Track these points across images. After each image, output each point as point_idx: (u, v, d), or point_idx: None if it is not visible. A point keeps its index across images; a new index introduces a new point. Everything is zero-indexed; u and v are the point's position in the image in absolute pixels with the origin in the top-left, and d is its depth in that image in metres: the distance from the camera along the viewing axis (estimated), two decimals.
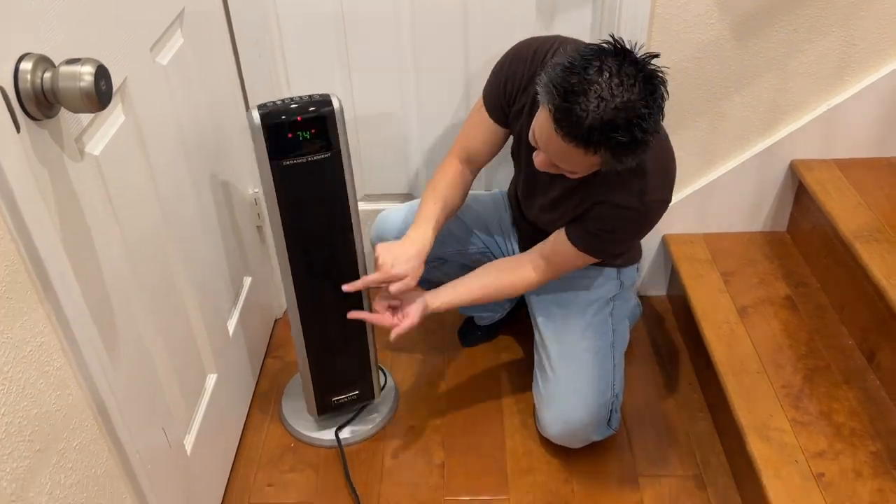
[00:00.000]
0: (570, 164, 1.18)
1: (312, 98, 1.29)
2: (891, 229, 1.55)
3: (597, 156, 1.11)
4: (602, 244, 1.37)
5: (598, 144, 1.08)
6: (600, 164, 1.16)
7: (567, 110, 1.06)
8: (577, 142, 1.09)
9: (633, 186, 1.27)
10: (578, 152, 1.11)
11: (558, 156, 1.17)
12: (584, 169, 1.19)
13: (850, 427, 1.39)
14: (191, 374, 1.37)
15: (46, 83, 0.84)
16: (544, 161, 1.21)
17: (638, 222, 1.34)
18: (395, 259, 1.35)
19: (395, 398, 1.74)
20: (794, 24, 1.60)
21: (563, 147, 1.12)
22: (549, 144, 1.15)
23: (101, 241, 1.01)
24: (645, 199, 1.28)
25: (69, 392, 0.91)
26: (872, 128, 1.74)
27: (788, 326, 1.61)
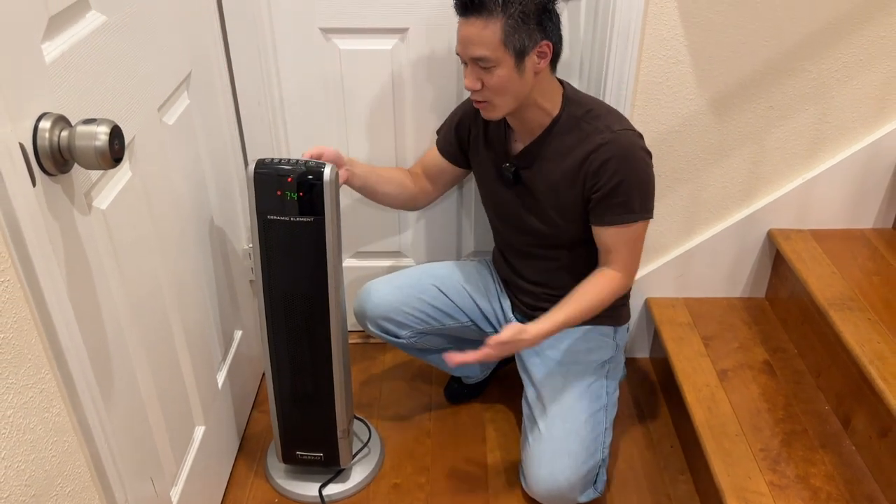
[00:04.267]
0: (479, 46, 1.30)
1: (308, 164, 1.33)
2: (864, 298, 1.61)
3: (496, 20, 1.28)
4: (628, 205, 1.41)
5: (494, 5, 1.27)
6: (503, 36, 1.28)
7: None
8: (476, 11, 1.28)
9: (599, 127, 1.40)
10: (479, 25, 1.28)
11: (468, 43, 1.31)
12: (493, 49, 1.29)
13: (827, 491, 1.41)
14: (180, 425, 1.38)
15: (63, 141, 0.89)
16: (470, 77, 1.35)
17: (623, 155, 1.39)
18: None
19: (380, 455, 1.75)
20: (771, 101, 1.69)
21: (468, 28, 1.30)
22: (460, 38, 1.32)
23: (103, 291, 1.05)
24: (614, 129, 1.39)
25: (66, 439, 0.94)
26: (845, 201, 1.82)
27: (767, 391, 1.65)
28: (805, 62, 1.65)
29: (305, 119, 1.79)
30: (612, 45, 1.59)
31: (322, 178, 1.33)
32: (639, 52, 1.61)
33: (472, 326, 1.70)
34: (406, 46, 1.69)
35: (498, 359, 1.42)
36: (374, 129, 1.80)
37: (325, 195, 1.34)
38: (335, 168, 1.35)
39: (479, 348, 1.66)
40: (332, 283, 1.43)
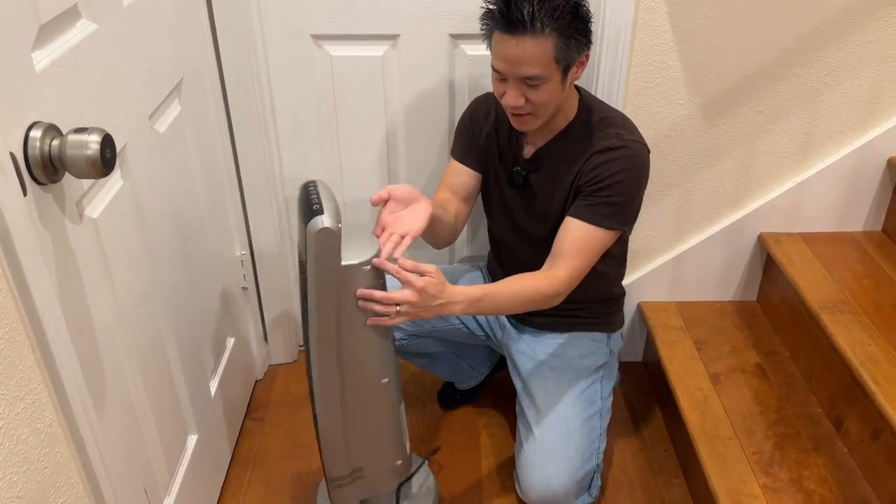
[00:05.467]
0: (530, 64, 1.25)
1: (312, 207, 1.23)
2: (854, 301, 1.62)
3: (547, 38, 1.23)
4: (610, 207, 1.38)
5: (543, 22, 1.22)
6: (554, 52, 1.25)
7: (507, 11, 1.23)
8: (524, 29, 1.22)
9: (609, 133, 1.38)
10: (530, 42, 1.23)
11: (517, 62, 1.26)
12: (544, 66, 1.26)
13: (820, 494, 1.42)
14: (173, 434, 1.38)
15: (54, 150, 0.88)
16: (513, 95, 1.30)
17: (629, 161, 1.37)
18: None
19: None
20: (760, 106, 1.70)
21: (517, 47, 1.24)
22: (507, 55, 1.26)
23: (95, 300, 1.04)
24: (625, 138, 1.38)
25: (58, 450, 0.93)
26: (835, 204, 1.83)
27: (759, 394, 1.65)
28: (794, 67, 1.66)
29: (297, 125, 1.78)
30: (602, 50, 1.60)
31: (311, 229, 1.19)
32: (629, 58, 1.62)
33: (463, 329, 1.70)
34: (397, 53, 1.70)
35: (415, 310, 1.26)
36: (365, 135, 1.80)
37: (308, 251, 1.21)
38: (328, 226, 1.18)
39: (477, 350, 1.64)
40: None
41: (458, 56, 1.71)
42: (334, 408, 1.38)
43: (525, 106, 1.32)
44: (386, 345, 1.35)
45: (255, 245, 1.88)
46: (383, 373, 1.37)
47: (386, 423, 1.44)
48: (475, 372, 1.90)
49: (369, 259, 1.23)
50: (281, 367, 2.07)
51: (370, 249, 1.25)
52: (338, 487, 1.46)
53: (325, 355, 1.32)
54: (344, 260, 1.23)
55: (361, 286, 1.25)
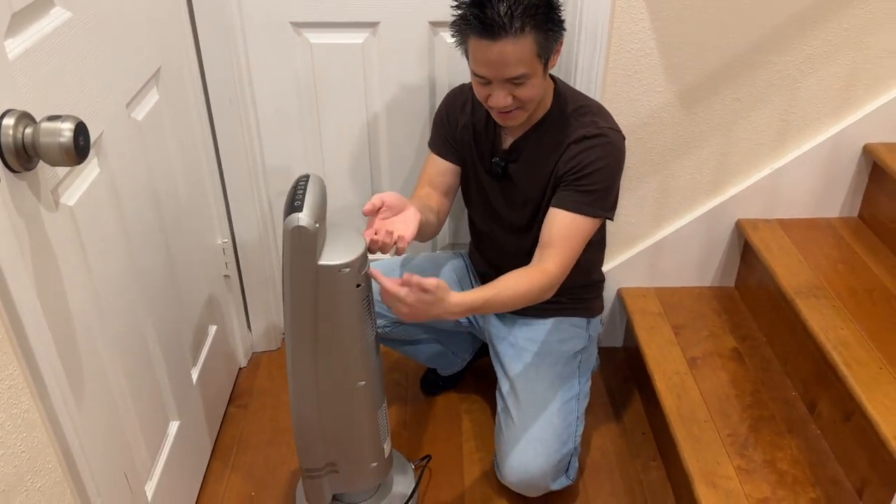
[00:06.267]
0: (515, 64, 1.26)
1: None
2: (829, 286, 1.65)
3: (527, 36, 1.24)
4: (592, 195, 1.39)
5: (521, 20, 1.22)
6: (536, 48, 1.26)
7: (483, 16, 1.22)
8: (505, 31, 1.22)
9: (585, 122, 1.40)
10: (512, 43, 1.23)
11: (501, 65, 1.26)
12: (528, 64, 1.27)
13: (793, 475, 1.45)
14: (153, 420, 1.39)
15: (27, 138, 0.89)
16: (500, 96, 1.31)
17: (606, 148, 1.39)
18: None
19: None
20: (737, 93, 1.72)
21: (500, 50, 1.24)
22: (489, 60, 1.26)
23: (72, 287, 1.05)
24: (600, 126, 1.40)
25: (35, 434, 0.94)
26: (812, 190, 1.85)
27: (735, 378, 1.68)
28: (771, 55, 1.68)
29: (278, 113, 1.79)
30: (580, 38, 1.61)
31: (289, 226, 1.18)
32: (607, 46, 1.63)
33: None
34: (377, 40, 1.70)
35: (409, 317, 1.26)
36: (346, 123, 1.81)
37: (283, 247, 1.21)
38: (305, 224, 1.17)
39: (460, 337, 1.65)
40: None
41: (437, 43, 1.71)
42: (307, 403, 1.38)
43: (512, 103, 1.33)
44: (364, 348, 1.35)
45: (236, 233, 1.88)
46: (360, 376, 1.37)
47: (361, 426, 1.44)
48: (457, 358, 1.91)
49: (349, 262, 1.22)
50: (264, 355, 2.08)
51: (354, 251, 1.23)
52: (310, 478, 1.48)
53: (301, 351, 1.32)
54: (322, 259, 1.22)
55: (340, 288, 1.25)
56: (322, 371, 1.35)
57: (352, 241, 1.25)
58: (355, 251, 1.23)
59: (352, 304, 1.28)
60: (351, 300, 1.27)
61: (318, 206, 1.21)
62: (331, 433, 1.43)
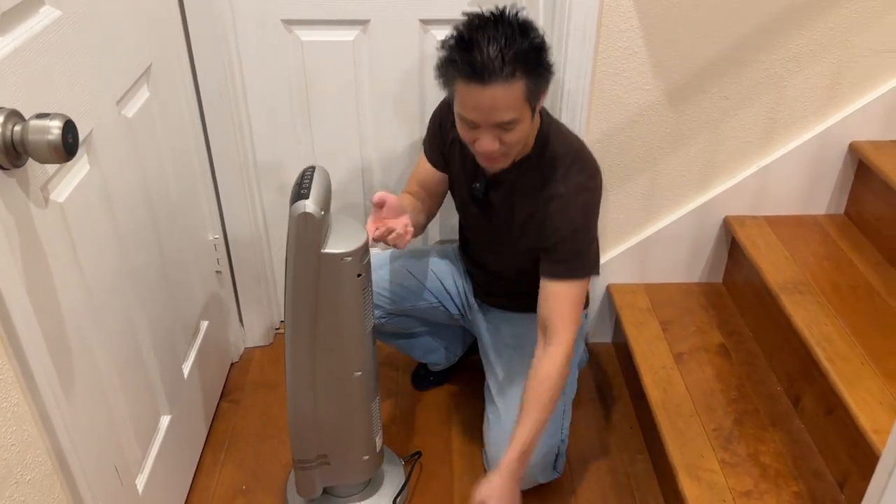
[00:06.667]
0: (504, 110, 1.23)
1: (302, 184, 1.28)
2: (814, 283, 1.67)
3: (518, 80, 1.21)
4: (575, 260, 1.40)
5: (511, 66, 1.19)
6: (526, 93, 1.23)
7: (472, 60, 1.19)
8: (496, 77, 1.19)
9: (560, 177, 1.38)
10: (502, 89, 1.20)
11: (491, 110, 1.23)
12: (517, 109, 1.24)
13: (776, 468, 1.47)
14: (145, 414, 1.40)
15: (16, 135, 0.90)
16: (487, 140, 1.28)
17: (580, 208, 1.39)
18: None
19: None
20: (725, 91, 1.74)
21: (490, 95, 1.21)
22: (478, 106, 1.23)
23: (62, 283, 1.06)
24: (571, 183, 1.38)
25: (25, 428, 0.95)
26: (798, 187, 1.87)
27: (721, 372, 1.70)
28: (758, 53, 1.69)
29: (269, 111, 1.80)
30: (569, 37, 1.62)
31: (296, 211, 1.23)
32: (595, 44, 1.64)
33: (440, 307, 1.73)
34: (367, 38, 1.71)
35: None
36: (336, 120, 1.82)
37: (289, 234, 1.26)
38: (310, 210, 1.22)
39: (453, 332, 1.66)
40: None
41: (428, 41, 1.72)
42: (304, 391, 1.41)
43: (499, 148, 1.30)
44: (362, 338, 1.37)
45: (228, 229, 1.90)
46: (357, 366, 1.40)
47: (355, 417, 1.46)
48: (449, 354, 1.93)
49: (352, 250, 1.26)
50: (257, 350, 2.09)
51: (356, 241, 1.27)
52: (302, 469, 1.50)
53: (299, 339, 1.35)
54: (326, 248, 1.25)
55: (342, 276, 1.28)
56: (320, 360, 1.37)
57: (354, 232, 1.29)
58: (358, 241, 1.27)
59: (352, 293, 1.31)
60: (351, 289, 1.30)
61: (324, 196, 1.26)
62: (325, 424, 1.45)
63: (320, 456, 1.49)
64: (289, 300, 1.31)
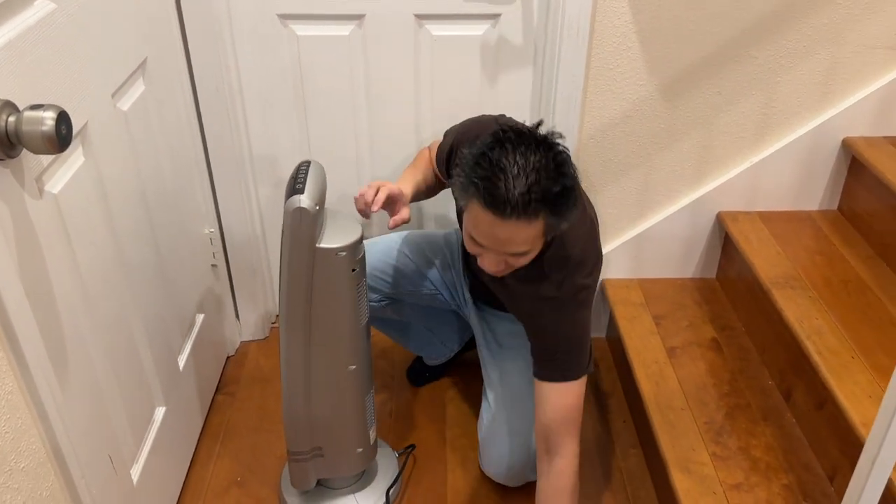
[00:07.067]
0: (519, 244, 1.18)
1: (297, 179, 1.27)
2: (806, 277, 1.68)
3: (539, 220, 1.14)
4: (567, 358, 1.37)
5: (536, 206, 1.12)
6: (544, 230, 1.17)
7: (495, 191, 1.11)
8: (517, 214, 1.12)
9: (553, 280, 1.32)
10: (521, 226, 1.14)
11: (505, 242, 1.18)
12: (532, 243, 1.20)
13: (766, 461, 1.48)
14: (139, 405, 1.41)
15: (10, 126, 0.91)
16: (492, 261, 1.23)
17: (561, 315, 1.35)
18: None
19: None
20: (718, 86, 1.75)
21: (507, 229, 1.14)
22: (492, 235, 1.17)
23: (56, 273, 1.07)
24: (565, 288, 1.33)
25: (18, 415, 0.96)
26: (792, 183, 1.88)
27: (713, 367, 1.71)
28: (751, 48, 1.70)
29: (265, 105, 1.81)
30: (563, 33, 1.63)
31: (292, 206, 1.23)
32: (589, 40, 1.65)
33: (438, 295, 1.73)
34: (363, 32, 1.72)
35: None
36: (332, 115, 1.83)
37: (284, 228, 1.26)
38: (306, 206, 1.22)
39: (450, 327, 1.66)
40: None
41: (423, 36, 1.73)
42: (298, 385, 1.42)
43: (504, 269, 1.26)
44: (356, 332, 1.38)
45: (224, 223, 1.90)
46: (351, 360, 1.41)
47: (349, 410, 1.47)
48: (445, 349, 1.94)
49: (346, 245, 1.27)
50: (253, 344, 2.10)
51: (350, 236, 1.28)
52: (296, 462, 1.51)
53: (294, 333, 1.36)
54: (321, 242, 1.26)
55: (336, 271, 1.29)
56: (314, 354, 1.38)
57: (349, 227, 1.31)
58: (352, 236, 1.29)
59: (346, 288, 1.32)
60: (346, 284, 1.31)
61: (319, 191, 1.26)
62: (319, 416, 1.46)
63: (315, 448, 1.50)
64: (283, 294, 1.32)
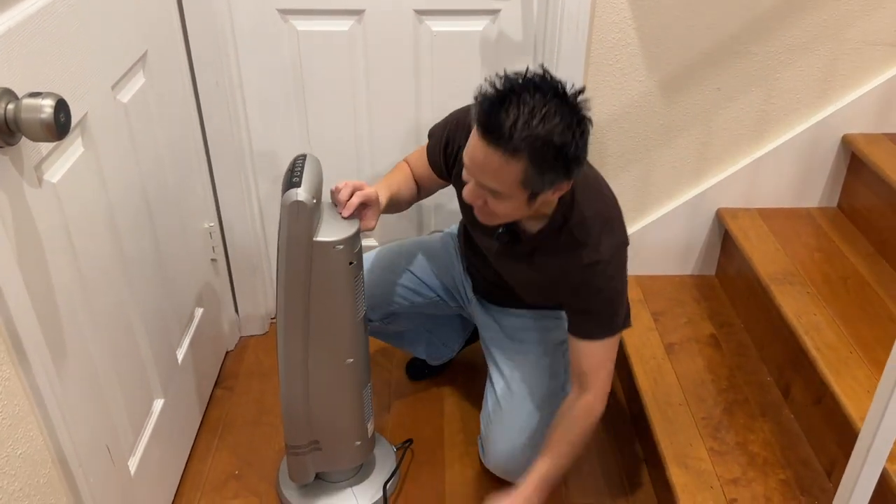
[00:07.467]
0: (491, 177, 1.17)
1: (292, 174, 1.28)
2: (804, 273, 1.68)
3: (519, 162, 1.12)
4: (608, 319, 1.38)
5: (519, 144, 1.11)
6: (523, 178, 1.15)
7: (491, 112, 1.12)
8: (498, 142, 1.11)
9: (589, 244, 1.32)
10: (499, 158, 1.12)
11: (481, 168, 1.17)
12: (508, 186, 1.17)
13: (763, 456, 1.48)
14: (137, 397, 1.41)
15: (10, 113, 0.91)
16: (471, 191, 1.23)
17: (609, 275, 1.36)
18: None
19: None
20: (718, 83, 1.75)
21: (486, 154, 1.14)
22: (474, 156, 1.17)
23: (55, 262, 1.08)
24: (600, 250, 1.32)
25: (16, 402, 0.97)
26: (791, 180, 1.88)
27: (712, 363, 1.71)
28: (750, 45, 1.70)
29: (264, 100, 1.81)
30: (562, 29, 1.64)
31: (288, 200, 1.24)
32: (588, 36, 1.65)
33: (440, 301, 1.73)
34: (363, 28, 1.72)
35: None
36: (332, 110, 1.83)
37: (281, 222, 1.27)
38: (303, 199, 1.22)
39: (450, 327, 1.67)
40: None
41: (422, 31, 1.74)
42: (296, 378, 1.42)
43: (481, 206, 1.25)
44: (354, 325, 1.39)
45: (224, 218, 1.91)
46: (349, 353, 1.41)
47: (347, 403, 1.47)
48: (447, 349, 1.92)
49: (343, 238, 1.27)
50: (252, 339, 2.11)
51: (348, 229, 1.28)
52: (294, 455, 1.51)
53: (292, 327, 1.36)
54: (318, 236, 1.27)
55: (333, 264, 1.29)
56: (312, 347, 1.38)
57: (346, 221, 1.31)
58: (349, 229, 1.29)
59: (344, 281, 1.32)
60: (343, 277, 1.32)
61: (316, 184, 1.27)
62: (317, 410, 1.46)
63: (313, 442, 1.50)
64: (281, 288, 1.32)
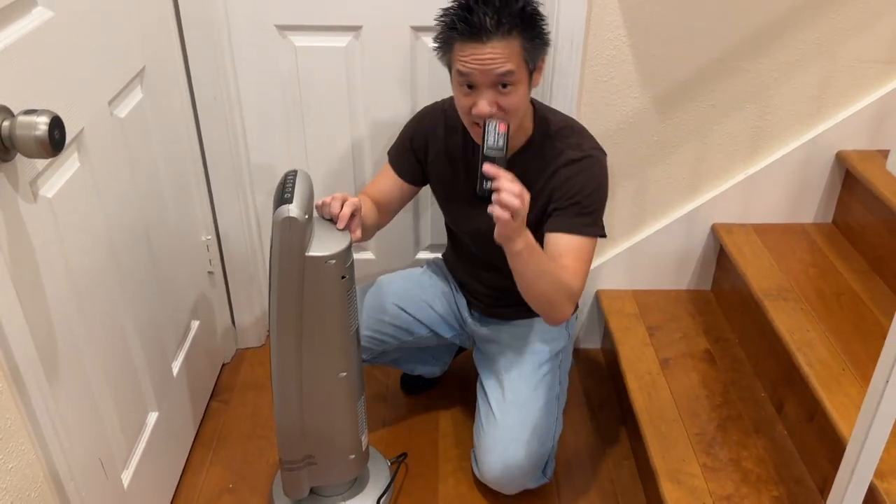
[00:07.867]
0: (504, 62, 1.26)
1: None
2: (798, 289, 1.68)
3: (514, 38, 1.26)
4: (589, 217, 1.42)
5: (508, 23, 1.25)
6: (522, 51, 1.28)
7: (470, 22, 1.25)
8: (494, 33, 1.25)
9: (571, 144, 1.43)
10: (501, 46, 1.26)
11: (492, 64, 1.26)
12: (516, 62, 1.28)
13: (757, 473, 1.48)
14: (132, 410, 1.42)
15: (4, 131, 0.93)
16: (487, 100, 1.29)
17: (594, 170, 1.43)
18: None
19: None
20: (712, 99, 1.76)
21: (489, 52, 1.25)
22: (480, 63, 1.27)
23: (49, 277, 1.09)
24: (584, 148, 1.44)
25: (8, 416, 0.97)
26: (786, 196, 1.89)
27: (706, 378, 1.71)
28: (745, 62, 1.72)
29: (262, 114, 1.83)
30: (557, 45, 1.65)
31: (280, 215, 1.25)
32: (583, 52, 1.67)
33: (430, 336, 1.74)
34: (360, 44, 1.74)
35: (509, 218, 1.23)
36: (329, 124, 1.84)
37: (273, 238, 1.28)
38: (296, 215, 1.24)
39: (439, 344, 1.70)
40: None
41: (419, 47, 1.75)
42: (290, 393, 1.42)
43: (497, 113, 1.31)
44: (347, 339, 1.39)
45: (221, 231, 1.92)
46: (342, 367, 1.42)
47: (341, 417, 1.48)
48: (439, 362, 1.91)
49: (335, 253, 1.28)
50: (248, 352, 2.11)
51: (340, 244, 1.29)
52: (289, 470, 1.51)
53: (285, 341, 1.36)
54: (310, 251, 1.27)
55: (326, 279, 1.30)
56: (305, 361, 1.39)
57: (337, 235, 1.32)
58: (341, 244, 1.30)
59: (336, 295, 1.33)
60: (335, 291, 1.32)
61: (307, 199, 1.28)
62: (311, 424, 1.46)
63: (307, 456, 1.50)
64: (274, 302, 1.33)
